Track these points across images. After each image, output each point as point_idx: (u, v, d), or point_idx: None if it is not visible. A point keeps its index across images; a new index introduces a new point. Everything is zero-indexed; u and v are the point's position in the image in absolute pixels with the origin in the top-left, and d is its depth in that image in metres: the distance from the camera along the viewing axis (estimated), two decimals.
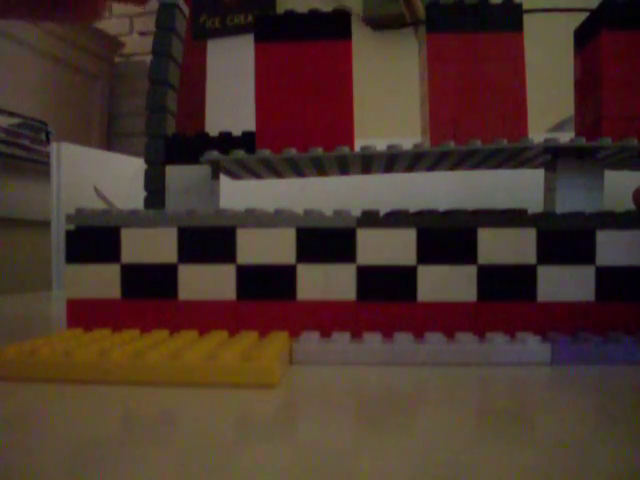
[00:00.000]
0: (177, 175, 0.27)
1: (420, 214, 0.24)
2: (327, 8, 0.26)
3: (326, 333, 0.23)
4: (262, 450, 0.13)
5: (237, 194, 0.37)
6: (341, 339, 0.22)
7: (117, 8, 1.62)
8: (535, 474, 0.12)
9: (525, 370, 0.21)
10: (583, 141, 0.24)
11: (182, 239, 0.24)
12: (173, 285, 0.24)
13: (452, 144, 0.24)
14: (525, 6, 0.26)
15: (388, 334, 0.23)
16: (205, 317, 0.24)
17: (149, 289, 0.24)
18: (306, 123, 0.26)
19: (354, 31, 0.26)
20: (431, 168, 0.29)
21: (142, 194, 0.27)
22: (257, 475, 0.12)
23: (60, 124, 1.39)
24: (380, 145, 0.25)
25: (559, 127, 0.72)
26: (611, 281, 0.23)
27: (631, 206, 0.27)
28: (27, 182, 1.24)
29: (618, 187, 0.29)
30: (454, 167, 0.29)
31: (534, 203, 0.28)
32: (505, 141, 0.24)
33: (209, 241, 0.24)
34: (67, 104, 1.50)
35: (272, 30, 0.26)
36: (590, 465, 0.13)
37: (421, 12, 0.53)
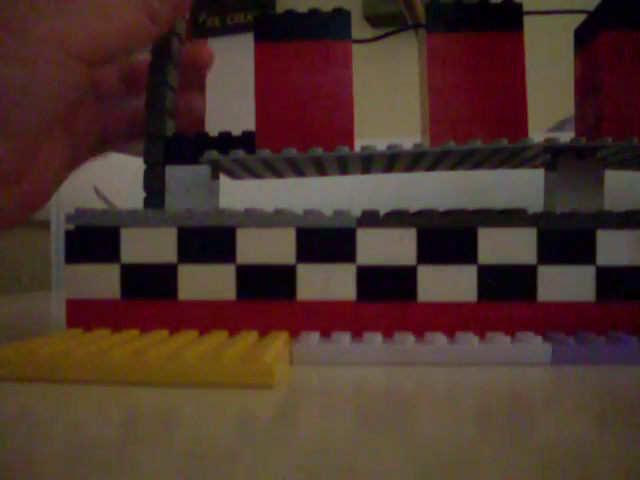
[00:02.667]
0: (177, 175, 0.27)
1: (420, 214, 0.24)
2: (327, 7, 0.26)
3: (326, 333, 0.23)
4: (262, 450, 0.13)
5: (237, 194, 0.37)
6: (341, 339, 0.22)
7: None
8: (535, 474, 0.12)
9: (526, 370, 0.21)
10: (583, 141, 0.24)
11: (182, 239, 0.24)
12: (173, 285, 0.24)
13: (452, 144, 0.24)
14: (525, 7, 0.26)
15: (388, 334, 0.23)
16: (205, 317, 0.24)
17: (149, 289, 0.24)
18: (306, 123, 0.26)
19: (354, 30, 0.26)
20: (431, 168, 0.29)
21: (142, 194, 0.27)
22: (257, 475, 0.12)
23: None
24: (380, 145, 0.25)
25: (559, 127, 0.72)
26: (611, 281, 0.23)
27: (631, 206, 0.27)
28: None
29: (618, 187, 0.29)
30: (454, 167, 0.29)
31: (534, 203, 0.28)
32: (505, 141, 0.24)
33: (209, 241, 0.24)
34: None
35: (272, 30, 0.26)
36: (590, 465, 0.13)
37: (421, 13, 0.53)
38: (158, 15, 0.25)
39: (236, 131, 0.27)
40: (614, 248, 0.23)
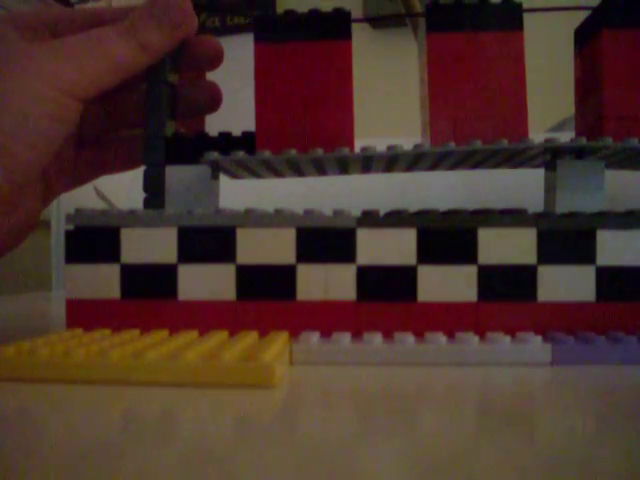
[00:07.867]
0: (177, 175, 0.27)
1: (420, 214, 0.24)
2: (327, 8, 0.26)
3: (326, 333, 0.23)
4: (262, 450, 0.13)
5: (237, 194, 0.37)
6: (341, 339, 0.22)
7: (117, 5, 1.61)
8: (535, 474, 0.12)
9: (526, 370, 0.21)
10: (583, 141, 0.24)
11: (182, 239, 0.24)
12: (173, 285, 0.24)
13: (452, 145, 0.24)
14: (525, 5, 0.26)
15: (388, 334, 0.23)
16: (205, 317, 0.24)
17: (149, 289, 0.24)
18: (306, 123, 0.26)
19: (354, 31, 0.26)
20: (431, 168, 0.29)
21: (142, 194, 0.27)
22: (257, 475, 0.12)
23: None
24: (380, 145, 0.25)
25: (559, 127, 0.72)
26: (611, 281, 0.23)
27: (631, 206, 0.27)
28: None
29: (618, 187, 0.29)
30: (454, 167, 0.29)
31: (534, 203, 0.28)
32: (505, 141, 0.24)
33: (209, 241, 0.24)
34: None
35: (272, 30, 0.26)
36: (590, 465, 0.13)
37: (417, 6, 0.53)
38: (151, 46, 0.25)
39: (236, 131, 0.27)
40: (614, 248, 0.23)
